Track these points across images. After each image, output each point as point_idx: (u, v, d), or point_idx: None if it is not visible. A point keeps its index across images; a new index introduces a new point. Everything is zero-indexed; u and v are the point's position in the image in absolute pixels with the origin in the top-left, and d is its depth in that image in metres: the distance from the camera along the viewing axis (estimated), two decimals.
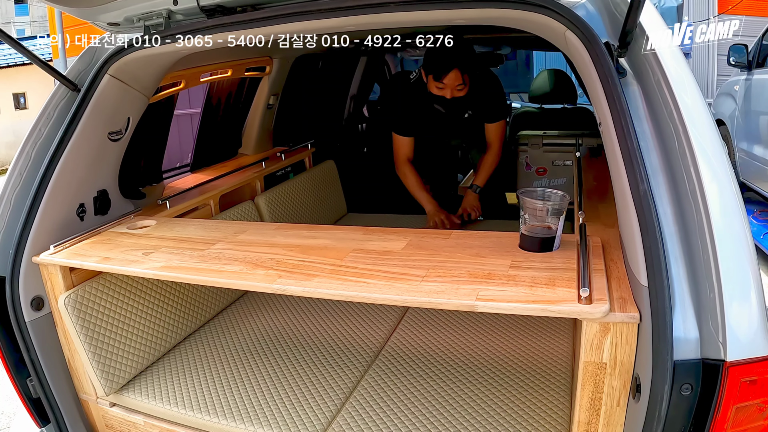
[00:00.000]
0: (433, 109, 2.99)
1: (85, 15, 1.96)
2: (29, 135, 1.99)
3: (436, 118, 3.08)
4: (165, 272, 1.76)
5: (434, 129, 3.18)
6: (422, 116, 3.08)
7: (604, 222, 1.88)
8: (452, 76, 2.73)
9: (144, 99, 2.23)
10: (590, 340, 1.36)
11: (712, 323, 1.18)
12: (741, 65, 5.45)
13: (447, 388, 1.99)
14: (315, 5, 1.69)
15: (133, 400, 2.05)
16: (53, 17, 9.55)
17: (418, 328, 2.39)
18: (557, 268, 1.54)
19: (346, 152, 4.25)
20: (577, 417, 1.44)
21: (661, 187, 1.32)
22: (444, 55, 2.69)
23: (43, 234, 1.92)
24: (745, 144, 5.28)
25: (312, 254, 1.76)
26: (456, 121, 3.15)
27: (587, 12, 1.54)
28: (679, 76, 1.35)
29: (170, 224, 2.19)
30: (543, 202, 1.66)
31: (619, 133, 1.37)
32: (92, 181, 2.13)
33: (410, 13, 1.65)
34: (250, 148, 3.45)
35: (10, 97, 14.79)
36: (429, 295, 1.45)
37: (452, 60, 2.69)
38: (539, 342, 2.23)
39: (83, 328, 1.93)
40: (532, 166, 3.76)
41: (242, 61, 3.01)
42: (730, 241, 1.18)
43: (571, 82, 4.27)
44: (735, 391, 1.18)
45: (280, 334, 2.42)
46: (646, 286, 1.26)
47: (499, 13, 1.60)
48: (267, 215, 3.03)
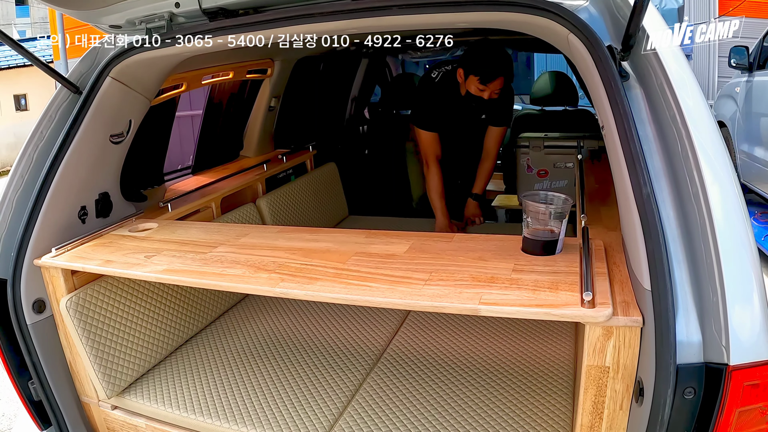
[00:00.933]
0: (459, 106, 3.22)
1: (86, 17, 1.96)
2: (31, 137, 1.99)
3: (460, 115, 3.30)
4: (167, 275, 1.75)
5: (456, 126, 3.38)
6: (447, 113, 3.29)
7: (607, 225, 1.88)
8: (497, 81, 3.00)
9: (146, 101, 2.23)
10: (593, 344, 1.36)
11: (715, 327, 1.17)
12: (742, 67, 5.45)
13: (449, 391, 1.99)
14: (317, 8, 1.69)
15: (134, 402, 2.05)
16: (54, 18, 9.58)
17: (421, 332, 2.39)
18: (560, 271, 1.53)
19: (348, 154, 4.24)
20: (580, 420, 1.44)
21: (663, 190, 1.32)
22: (496, 63, 3.00)
23: (44, 237, 1.92)
24: (746, 146, 5.27)
25: (314, 257, 1.76)
26: (475, 121, 3.36)
27: (590, 15, 1.53)
28: (681, 78, 1.35)
29: (172, 227, 2.19)
30: (546, 206, 1.66)
31: (622, 136, 1.37)
32: (94, 183, 2.13)
33: (412, 16, 1.65)
34: (251, 151, 3.45)
35: (11, 98, 14.80)
36: (432, 299, 1.45)
37: (502, 68, 3.00)
38: (542, 345, 2.23)
39: (85, 330, 1.93)
40: (533, 168, 3.76)
41: (244, 64, 3.01)
42: (733, 244, 1.18)
43: (572, 84, 4.27)
44: (738, 395, 1.18)
45: (282, 337, 2.41)
46: (649, 290, 1.25)
47: (502, 16, 1.60)
48: (268, 217, 3.03)
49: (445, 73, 3.23)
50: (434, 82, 3.26)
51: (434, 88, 3.26)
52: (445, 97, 3.23)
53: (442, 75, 3.23)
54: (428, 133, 3.31)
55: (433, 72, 3.30)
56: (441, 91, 3.23)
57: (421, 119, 3.33)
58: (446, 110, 3.27)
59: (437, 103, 3.27)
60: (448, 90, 3.20)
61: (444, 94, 3.23)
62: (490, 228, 3.90)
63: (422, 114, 3.33)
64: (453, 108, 3.24)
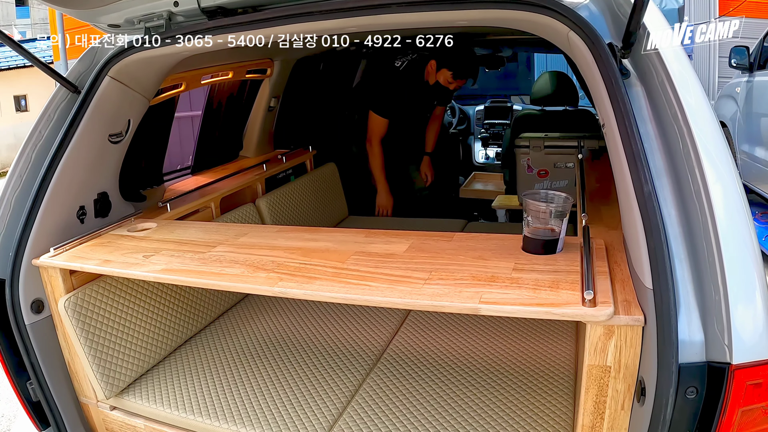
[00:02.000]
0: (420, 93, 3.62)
1: (85, 17, 1.96)
2: (29, 137, 1.99)
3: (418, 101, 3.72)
4: (166, 275, 1.75)
5: (412, 111, 3.80)
6: (408, 100, 3.65)
7: (607, 224, 1.88)
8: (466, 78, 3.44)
9: (145, 101, 2.22)
10: (594, 344, 1.35)
11: (718, 326, 1.17)
12: (742, 67, 5.45)
13: (449, 391, 1.98)
14: (316, 6, 1.68)
15: (133, 403, 2.04)
16: (54, 19, 9.58)
17: (421, 331, 2.38)
18: (561, 270, 1.53)
19: (347, 155, 4.24)
20: (581, 421, 1.43)
21: (665, 189, 1.31)
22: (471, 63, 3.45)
23: (43, 236, 1.92)
24: (747, 146, 5.27)
25: (314, 257, 1.75)
26: (428, 106, 3.91)
27: (590, 13, 1.53)
28: (682, 76, 1.34)
29: (171, 227, 2.19)
30: (546, 204, 1.65)
31: (623, 134, 1.36)
32: (92, 183, 2.13)
33: (412, 14, 1.64)
34: (251, 151, 3.44)
35: (11, 99, 14.81)
36: (432, 298, 1.44)
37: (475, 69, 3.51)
38: (542, 345, 2.22)
39: (83, 331, 1.93)
40: (533, 169, 3.75)
41: (243, 64, 3.01)
42: (735, 241, 1.17)
43: (572, 84, 4.26)
44: (740, 395, 1.17)
45: (281, 337, 2.41)
46: (651, 289, 1.24)
47: (502, 14, 1.60)
48: (268, 218, 3.02)
49: (409, 62, 3.52)
50: (399, 71, 3.53)
51: (399, 76, 3.53)
52: (408, 85, 3.55)
53: (407, 64, 3.52)
54: (382, 119, 3.63)
55: (396, 61, 3.57)
56: (405, 79, 3.53)
57: (382, 106, 3.61)
58: (407, 97, 3.61)
59: (400, 91, 3.57)
60: (411, 78, 3.53)
61: (407, 82, 3.54)
62: (491, 227, 3.89)
63: (384, 101, 3.61)
64: (413, 95, 3.62)
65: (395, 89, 3.57)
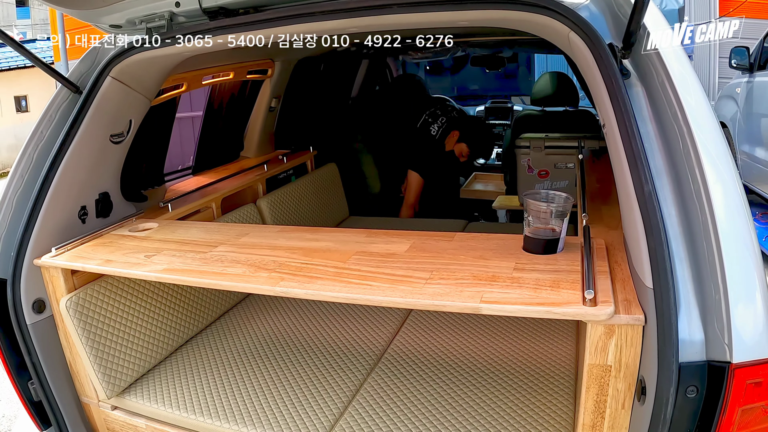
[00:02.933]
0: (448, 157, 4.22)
1: (87, 17, 1.96)
2: (31, 137, 1.99)
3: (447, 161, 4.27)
4: (167, 275, 1.75)
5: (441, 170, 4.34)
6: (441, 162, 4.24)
7: (608, 224, 1.88)
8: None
9: (146, 101, 2.23)
10: (595, 343, 1.36)
11: (718, 325, 1.17)
12: (743, 68, 5.45)
13: (450, 390, 1.98)
14: (317, 7, 1.69)
15: (134, 403, 2.05)
16: (54, 19, 9.57)
17: (422, 331, 2.38)
18: (561, 270, 1.53)
19: (348, 155, 4.25)
20: (582, 420, 1.43)
21: (665, 188, 1.31)
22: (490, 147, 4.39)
23: (44, 236, 1.92)
24: (747, 146, 5.27)
25: (315, 257, 1.75)
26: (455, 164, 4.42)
27: (590, 13, 1.53)
28: (682, 77, 1.35)
29: (172, 227, 2.19)
30: (547, 204, 1.66)
31: (623, 134, 1.36)
32: (94, 183, 2.13)
33: (412, 15, 1.65)
34: (252, 151, 3.45)
35: (11, 99, 14.81)
36: (433, 298, 1.44)
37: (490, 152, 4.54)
38: (543, 344, 2.22)
39: (85, 330, 1.93)
40: (534, 169, 3.76)
41: (244, 64, 3.01)
42: (735, 241, 1.17)
43: (572, 85, 4.27)
44: (741, 393, 1.17)
45: (282, 337, 2.41)
46: (651, 288, 1.25)
47: (502, 14, 1.60)
48: (269, 218, 3.03)
49: (442, 129, 4.12)
50: (435, 139, 4.12)
51: (436, 144, 4.12)
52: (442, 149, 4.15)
53: (441, 132, 4.12)
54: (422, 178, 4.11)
55: (431, 128, 4.13)
56: (440, 145, 4.13)
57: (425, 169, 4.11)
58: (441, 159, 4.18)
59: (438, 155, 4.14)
60: (443, 143, 4.14)
61: (442, 146, 4.14)
62: (491, 228, 3.89)
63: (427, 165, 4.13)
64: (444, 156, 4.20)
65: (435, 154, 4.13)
